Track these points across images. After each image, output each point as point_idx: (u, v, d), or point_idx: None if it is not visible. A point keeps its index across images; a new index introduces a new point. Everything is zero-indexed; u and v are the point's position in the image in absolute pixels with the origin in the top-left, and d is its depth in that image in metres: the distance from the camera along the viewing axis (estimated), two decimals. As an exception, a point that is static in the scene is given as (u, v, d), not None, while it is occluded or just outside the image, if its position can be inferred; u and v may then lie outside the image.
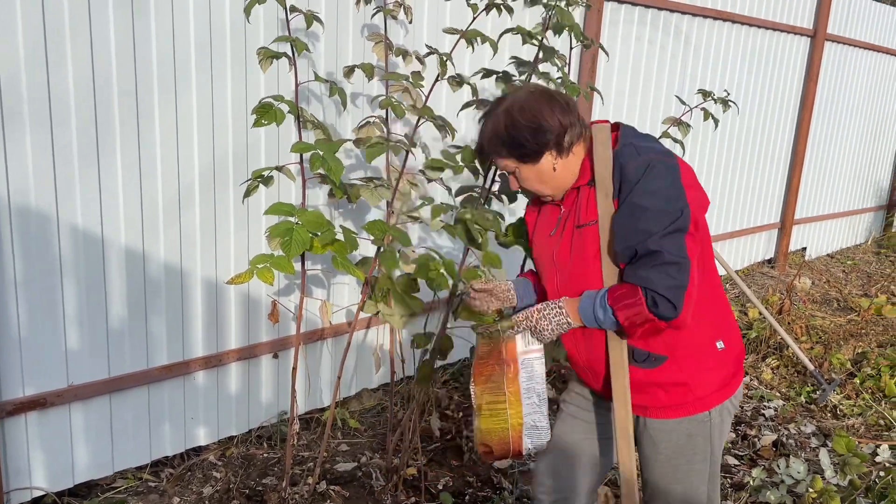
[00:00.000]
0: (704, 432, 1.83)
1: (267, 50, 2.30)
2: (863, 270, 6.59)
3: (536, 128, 1.72)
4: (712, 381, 1.81)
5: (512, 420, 1.84)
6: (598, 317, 1.70)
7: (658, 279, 1.60)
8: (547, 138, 1.73)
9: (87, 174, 2.43)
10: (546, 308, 1.79)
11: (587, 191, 1.79)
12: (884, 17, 6.66)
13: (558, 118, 1.73)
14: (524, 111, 1.74)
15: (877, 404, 3.84)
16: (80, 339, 2.53)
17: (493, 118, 1.78)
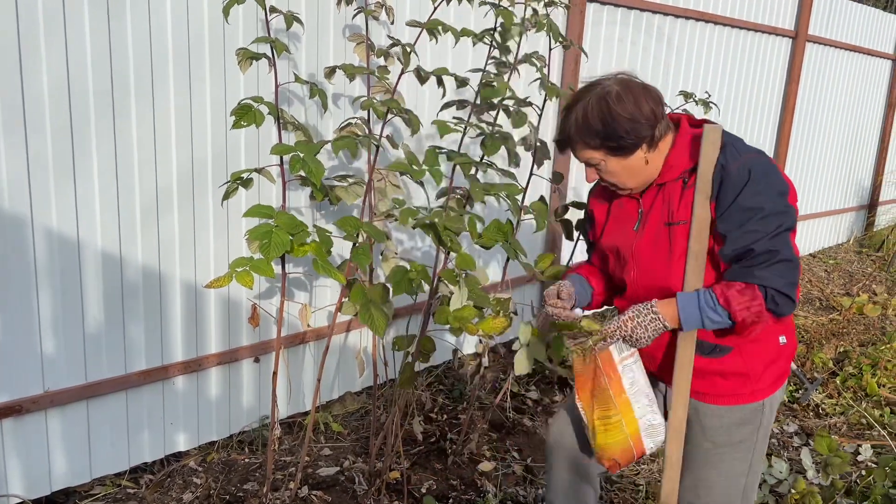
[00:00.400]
0: (754, 422, 1.85)
1: (246, 51, 2.27)
2: (845, 270, 6.64)
3: (635, 120, 1.66)
4: (770, 374, 1.84)
5: (629, 429, 1.84)
6: (708, 318, 1.69)
7: (775, 278, 1.62)
8: (645, 132, 1.68)
9: (63, 178, 2.40)
10: (639, 315, 1.76)
11: (674, 188, 1.76)
12: (864, 19, 6.71)
13: (653, 109, 1.69)
14: (621, 101, 1.66)
15: (858, 403, 3.86)
16: (56, 344, 2.49)
17: (585, 106, 1.69)
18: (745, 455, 1.88)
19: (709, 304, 1.68)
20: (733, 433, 1.86)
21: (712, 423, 1.86)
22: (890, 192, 8.00)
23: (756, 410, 1.84)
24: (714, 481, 1.91)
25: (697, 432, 1.89)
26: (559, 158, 4.14)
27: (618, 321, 1.80)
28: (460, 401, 3.55)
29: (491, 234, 2.54)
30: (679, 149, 1.75)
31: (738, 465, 1.89)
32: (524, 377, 3.85)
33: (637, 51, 4.51)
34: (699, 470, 1.92)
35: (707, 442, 1.88)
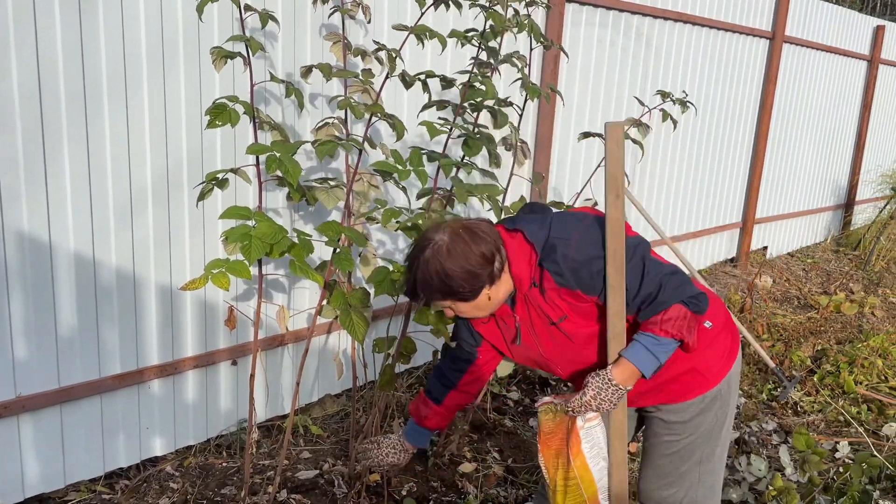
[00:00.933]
0: (715, 406, 1.94)
1: (221, 49, 2.24)
2: (822, 268, 6.71)
3: (469, 273, 1.72)
4: (716, 358, 1.92)
5: (587, 492, 1.89)
6: (661, 354, 1.75)
7: (677, 291, 1.71)
8: (482, 280, 1.74)
9: (34, 180, 2.35)
10: (601, 391, 1.80)
11: (534, 293, 1.81)
12: (840, 20, 6.79)
13: (486, 255, 1.74)
14: (452, 257, 1.71)
15: (836, 401, 3.90)
16: (28, 348, 2.44)
17: (421, 267, 1.74)
18: (705, 439, 1.96)
19: (656, 344, 1.74)
20: (696, 423, 1.94)
21: (675, 418, 1.95)
22: (866, 192, 8.10)
23: (715, 396, 1.93)
24: (674, 471, 1.99)
25: (661, 428, 1.98)
26: (539, 158, 4.14)
27: (581, 400, 1.82)
28: (441, 402, 3.53)
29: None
30: (516, 261, 1.79)
31: (696, 448, 1.97)
32: (505, 378, 3.84)
33: (616, 51, 4.53)
34: (660, 460, 2.00)
35: (671, 435, 1.96)
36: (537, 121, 4.11)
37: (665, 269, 1.75)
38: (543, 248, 1.76)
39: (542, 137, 4.12)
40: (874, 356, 4.27)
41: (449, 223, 1.79)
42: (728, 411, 1.99)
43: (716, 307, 1.94)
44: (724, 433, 2.00)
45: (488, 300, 1.80)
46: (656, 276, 1.73)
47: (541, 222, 1.81)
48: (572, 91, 4.31)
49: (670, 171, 5.29)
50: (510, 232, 1.82)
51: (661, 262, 1.79)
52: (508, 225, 1.84)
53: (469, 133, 2.46)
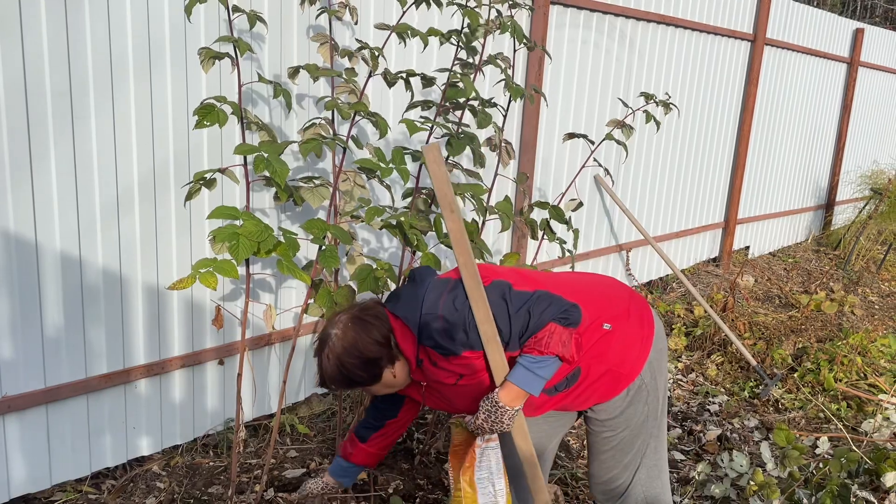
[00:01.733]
0: (641, 394, 2.02)
1: (209, 50, 2.25)
2: (803, 268, 6.80)
3: (366, 361, 1.86)
4: (627, 351, 1.99)
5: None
6: (542, 375, 1.84)
7: (547, 310, 1.80)
8: (380, 365, 1.88)
9: (20, 179, 2.35)
10: (490, 414, 1.88)
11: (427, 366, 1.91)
12: (821, 23, 6.88)
13: (379, 341, 1.87)
14: (348, 351, 1.85)
15: (816, 398, 3.96)
16: (13, 348, 2.44)
17: (323, 364, 1.89)
18: (641, 428, 2.06)
19: (534, 363, 1.83)
20: (628, 416, 2.03)
21: (606, 416, 2.04)
22: (846, 192, 8.21)
23: (639, 387, 2.01)
24: (617, 463, 2.10)
25: (597, 427, 2.08)
26: (524, 159, 4.17)
27: (475, 423, 1.92)
28: (427, 401, 3.55)
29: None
30: (402, 343, 1.90)
31: (636, 438, 2.07)
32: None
33: (600, 53, 4.57)
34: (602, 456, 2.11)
35: (608, 431, 2.06)
36: (522, 122, 4.14)
37: (528, 297, 1.83)
38: (420, 329, 1.86)
39: (527, 138, 4.15)
40: (853, 354, 4.34)
41: (343, 315, 1.91)
42: (658, 396, 2.07)
43: (611, 303, 2.02)
44: (659, 417, 2.09)
45: (393, 378, 1.92)
46: (522, 309, 1.82)
47: (414, 302, 1.90)
48: (557, 92, 4.35)
49: (653, 172, 5.34)
50: (393, 316, 1.92)
51: (521, 293, 1.85)
52: (392, 309, 1.93)
53: (452, 133, 2.49)
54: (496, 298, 1.85)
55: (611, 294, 2.06)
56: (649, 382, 2.02)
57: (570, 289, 1.95)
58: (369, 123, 3.10)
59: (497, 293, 1.85)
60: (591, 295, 2.00)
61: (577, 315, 1.83)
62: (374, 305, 1.95)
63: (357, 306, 1.96)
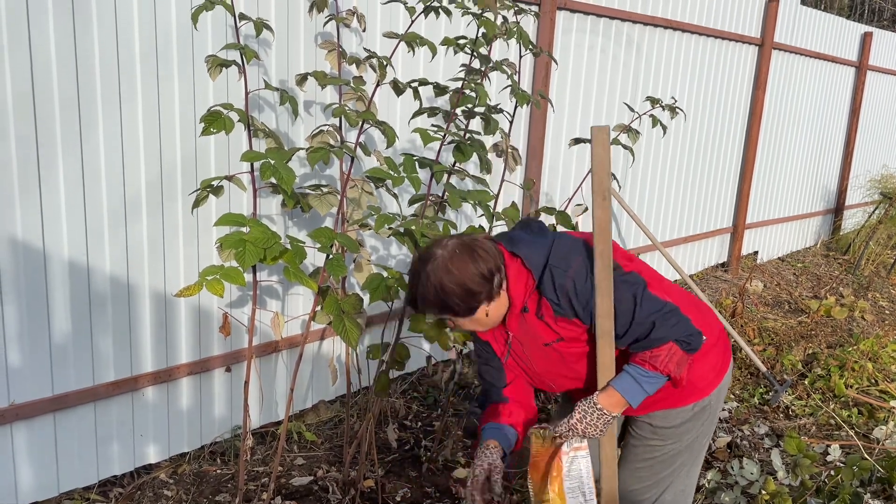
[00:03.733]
0: (703, 416, 1.99)
1: (216, 58, 2.26)
2: (812, 273, 6.76)
3: (467, 290, 1.75)
4: (707, 370, 1.96)
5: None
6: (647, 390, 1.80)
7: (672, 329, 1.74)
8: (479, 298, 1.77)
9: (28, 187, 2.36)
10: (586, 416, 1.83)
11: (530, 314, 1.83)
12: (829, 27, 6.85)
13: (484, 274, 1.76)
14: (451, 274, 1.74)
15: (827, 404, 3.93)
16: (21, 356, 2.44)
17: (421, 282, 1.78)
18: (687, 449, 2.01)
19: (643, 376, 1.79)
20: (682, 430, 1.99)
21: (663, 423, 1.99)
22: (855, 197, 8.17)
23: (704, 406, 1.98)
24: (651, 477, 2.04)
25: (648, 432, 2.01)
26: (531, 165, 4.16)
27: (568, 424, 1.85)
28: (434, 408, 3.54)
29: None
30: (513, 283, 1.82)
31: (677, 457, 2.02)
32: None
33: (606, 58, 4.56)
34: (639, 464, 2.04)
35: (657, 440, 2.01)
36: (529, 127, 4.14)
37: (659, 308, 1.75)
38: (542, 276, 1.78)
39: (534, 144, 4.14)
40: (864, 360, 4.31)
41: (451, 239, 1.81)
42: (713, 424, 2.03)
43: (711, 322, 1.99)
44: (705, 444, 2.06)
45: (486, 316, 1.82)
46: (650, 318, 1.74)
47: (540, 247, 1.82)
48: (563, 98, 4.34)
49: (661, 177, 5.32)
50: (511, 254, 1.83)
51: (656, 300, 1.77)
52: (508, 246, 1.85)
53: (461, 139, 2.48)
54: (627, 294, 1.76)
55: (711, 316, 2.03)
56: (713, 406, 1.99)
57: (687, 300, 1.91)
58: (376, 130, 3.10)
59: (629, 289, 1.77)
60: (699, 310, 1.96)
61: (698, 343, 1.78)
62: (484, 238, 1.84)
63: (466, 235, 1.86)
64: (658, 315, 1.74)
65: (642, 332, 1.75)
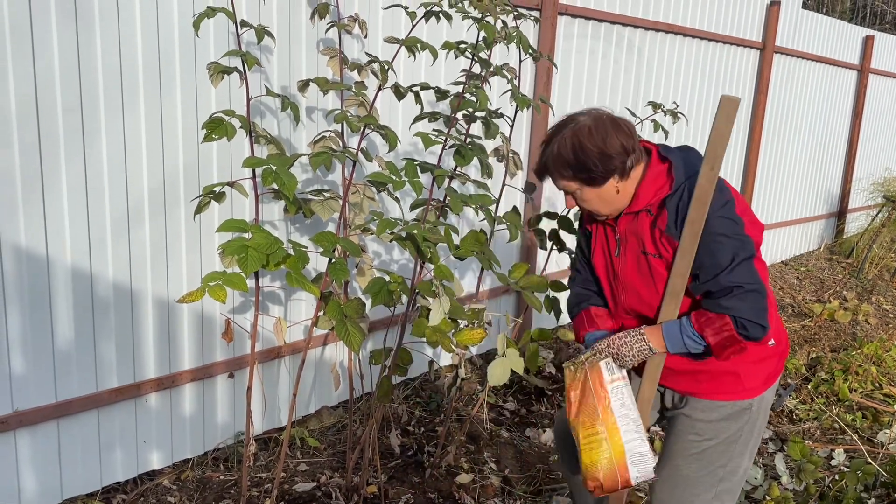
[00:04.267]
0: (742, 419, 1.93)
1: (217, 65, 2.26)
2: (816, 276, 6.74)
3: (605, 153, 1.77)
4: (760, 374, 1.92)
5: (614, 452, 1.85)
6: (687, 344, 1.81)
7: (743, 307, 1.71)
8: (614, 164, 1.78)
9: (31, 193, 2.37)
10: (627, 336, 1.88)
11: (644, 219, 1.85)
12: (830, 30, 6.86)
13: (623, 143, 1.78)
14: (592, 136, 1.77)
15: (830, 408, 3.91)
16: (24, 363, 2.45)
17: (559, 140, 1.80)
18: (727, 451, 1.95)
19: (686, 332, 1.80)
20: (720, 429, 1.94)
21: (700, 416, 1.95)
22: (858, 200, 8.15)
23: (745, 409, 1.93)
24: (690, 475, 1.97)
25: (685, 424, 1.98)
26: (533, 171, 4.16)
27: (608, 340, 1.90)
28: (437, 413, 3.54)
29: (468, 245, 2.54)
30: (648, 181, 1.83)
31: (717, 459, 1.95)
32: (501, 388, 3.85)
33: (608, 63, 4.57)
34: (678, 460, 1.99)
35: (693, 433, 1.96)
36: (531, 133, 4.14)
37: (748, 282, 1.72)
38: (676, 188, 1.79)
39: (536, 149, 4.14)
40: (868, 364, 4.29)
41: (594, 109, 1.84)
42: (754, 432, 1.97)
43: (783, 333, 1.98)
44: (746, 455, 1.99)
45: (616, 193, 1.83)
46: (731, 283, 1.72)
47: (691, 166, 1.81)
48: (565, 102, 4.34)
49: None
50: (660, 158, 1.84)
51: (751, 273, 1.73)
52: (663, 151, 1.86)
53: (461, 143, 2.48)
54: (728, 251, 1.73)
55: (782, 326, 2.01)
56: (755, 412, 1.95)
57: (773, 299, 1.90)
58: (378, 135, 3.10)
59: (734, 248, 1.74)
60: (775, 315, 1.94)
61: (756, 334, 1.74)
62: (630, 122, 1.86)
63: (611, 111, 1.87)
64: (740, 286, 1.72)
65: (717, 290, 1.74)
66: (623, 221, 1.89)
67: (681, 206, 1.77)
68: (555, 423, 2.36)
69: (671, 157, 1.84)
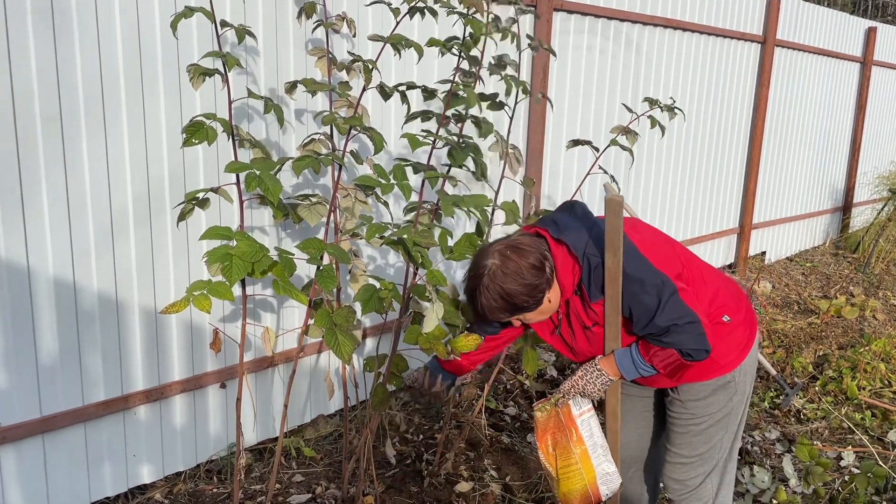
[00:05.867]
0: (728, 390, 2.12)
1: (197, 67, 2.19)
2: (821, 272, 6.65)
3: (528, 287, 1.90)
4: (731, 348, 2.10)
5: (587, 477, 2.10)
6: (641, 369, 2.01)
7: (683, 339, 1.90)
8: (541, 289, 1.92)
9: (9, 204, 2.30)
10: (587, 374, 2.07)
11: (575, 300, 2.02)
12: (832, 22, 6.76)
13: (536, 265, 1.91)
14: (508, 277, 1.89)
15: (839, 407, 3.83)
16: (7, 377, 2.38)
17: (483, 295, 1.92)
18: (721, 423, 2.15)
19: (641, 363, 2.00)
20: (709, 404, 2.13)
21: (689, 398, 2.14)
22: (863, 194, 8.06)
23: (729, 381, 2.11)
24: (692, 452, 2.18)
25: (679, 408, 2.16)
26: (531, 169, 4.09)
27: (571, 380, 2.11)
28: (437, 419, 3.46)
29: (462, 248, 2.47)
30: (562, 273, 1.96)
31: (714, 434, 2.16)
32: (502, 392, 3.77)
33: (606, 59, 4.48)
34: (681, 442, 2.19)
35: (687, 414, 2.15)
36: (528, 130, 4.06)
37: (679, 317, 1.88)
38: (587, 268, 1.94)
39: (533, 146, 4.07)
40: (877, 361, 4.21)
41: (493, 246, 1.95)
42: (743, 401, 2.17)
43: (738, 302, 2.15)
44: (739, 425, 2.20)
45: (549, 303, 1.98)
46: (668, 324, 1.88)
47: (581, 234, 1.96)
48: (563, 99, 4.26)
49: (664, 178, 5.23)
50: (555, 241, 1.96)
51: (678, 306, 1.89)
52: (554, 233, 1.96)
53: (454, 143, 2.41)
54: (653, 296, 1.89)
55: (738, 295, 2.18)
56: (739, 382, 2.12)
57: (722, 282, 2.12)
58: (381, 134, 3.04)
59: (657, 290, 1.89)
60: (727, 286, 2.14)
61: (702, 358, 1.94)
62: (523, 236, 1.99)
63: (505, 239, 1.99)
64: (675, 323, 1.88)
65: (656, 331, 1.91)
66: (561, 307, 2.05)
67: (593, 275, 1.93)
68: None
69: (563, 238, 1.95)
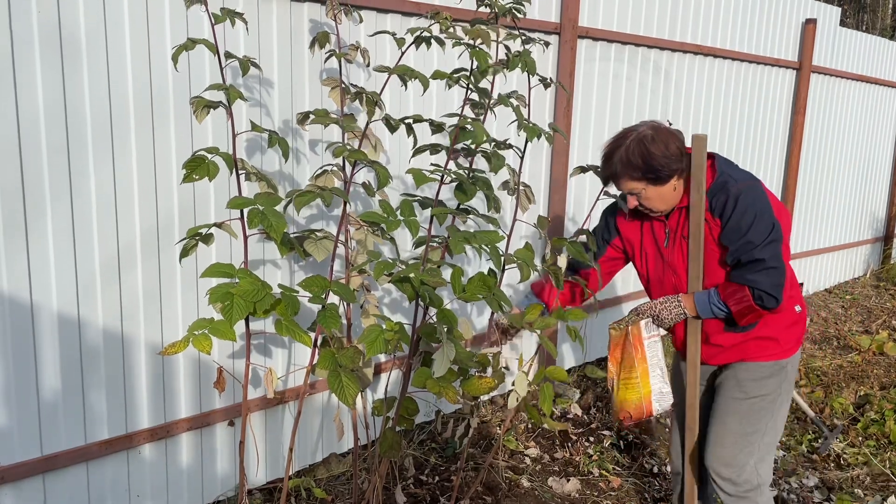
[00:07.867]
0: (780, 376, 2.30)
1: (201, 99, 2.14)
2: (862, 305, 6.39)
3: (669, 156, 2.11)
4: (792, 337, 2.32)
5: (643, 390, 2.32)
6: (713, 310, 2.20)
7: (763, 280, 2.09)
8: (675, 165, 2.12)
9: (14, 238, 2.26)
10: (667, 301, 2.28)
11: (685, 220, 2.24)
12: (870, 47, 6.57)
13: (679, 147, 2.14)
14: (655, 142, 2.11)
15: (882, 452, 3.61)
16: (7, 415, 2.32)
17: (626, 148, 2.12)
18: (769, 408, 2.30)
19: (713, 300, 2.20)
20: (762, 385, 2.28)
21: (746, 376, 2.30)
22: (906, 223, 7.76)
23: (782, 367, 2.29)
24: (739, 430, 2.30)
25: (732, 385, 2.33)
26: (555, 199, 3.98)
27: (650, 303, 2.31)
28: (454, 460, 3.33)
29: (475, 287, 2.35)
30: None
31: (762, 416, 2.29)
32: (522, 432, 3.63)
33: (633, 86, 4.37)
34: (728, 418, 2.31)
35: (739, 392, 2.30)
36: (551, 161, 3.96)
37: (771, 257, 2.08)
38: (717, 180, 2.16)
39: (557, 177, 3.96)
40: (922, 402, 3.97)
41: (644, 122, 2.18)
42: (789, 390, 2.34)
43: (802, 301, 2.36)
44: (783, 412, 2.34)
45: (673, 191, 2.18)
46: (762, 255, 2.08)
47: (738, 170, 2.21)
48: (588, 128, 4.15)
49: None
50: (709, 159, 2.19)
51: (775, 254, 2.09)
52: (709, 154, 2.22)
53: (463, 178, 2.31)
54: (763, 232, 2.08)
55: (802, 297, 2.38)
56: (789, 371, 2.31)
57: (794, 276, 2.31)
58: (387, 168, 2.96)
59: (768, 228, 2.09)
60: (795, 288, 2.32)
61: (770, 304, 2.12)
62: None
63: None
64: (763, 261, 2.08)
65: (748, 259, 2.10)
66: (673, 217, 2.26)
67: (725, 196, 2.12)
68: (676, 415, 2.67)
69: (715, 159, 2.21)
